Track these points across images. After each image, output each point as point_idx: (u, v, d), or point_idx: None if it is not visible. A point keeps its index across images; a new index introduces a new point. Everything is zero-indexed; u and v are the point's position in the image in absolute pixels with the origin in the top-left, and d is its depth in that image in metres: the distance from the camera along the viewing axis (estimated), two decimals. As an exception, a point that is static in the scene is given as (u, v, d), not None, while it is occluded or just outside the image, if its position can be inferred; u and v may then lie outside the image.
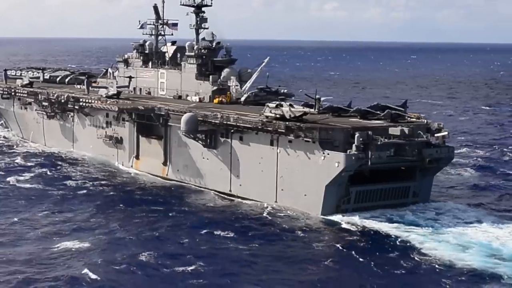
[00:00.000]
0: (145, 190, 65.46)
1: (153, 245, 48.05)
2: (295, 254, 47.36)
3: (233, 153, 63.59)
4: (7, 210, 57.05)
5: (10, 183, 66.72)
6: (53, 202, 60.06)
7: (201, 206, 59.86)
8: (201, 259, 45.17)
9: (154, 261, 44.84)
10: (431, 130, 59.61)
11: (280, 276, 43.26)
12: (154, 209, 58.23)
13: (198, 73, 77.51)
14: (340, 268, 44.99)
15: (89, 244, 47.66)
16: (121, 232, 50.84)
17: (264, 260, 45.80)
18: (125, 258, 44.81)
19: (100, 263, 43.88)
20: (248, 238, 50.31)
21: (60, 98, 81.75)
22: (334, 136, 56.61)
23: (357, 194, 57.16)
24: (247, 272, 43.66)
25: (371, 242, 49.43)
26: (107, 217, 55.31)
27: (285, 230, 52.85)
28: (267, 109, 61.44)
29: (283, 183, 59.46)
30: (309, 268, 44.90)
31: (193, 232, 51.58)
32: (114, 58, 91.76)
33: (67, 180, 68.72)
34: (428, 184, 60.80)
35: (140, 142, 73.56)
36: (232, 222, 54.52)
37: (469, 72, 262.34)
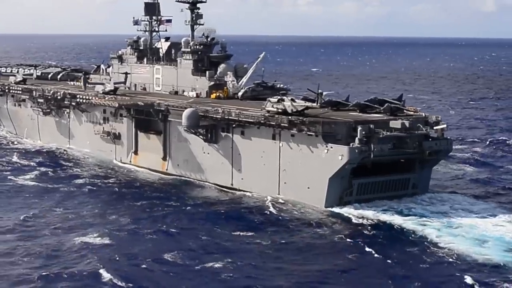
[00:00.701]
0: (149, 185, 66.10)
1: (168, 239, 48.68)
2: (306, 245, 48.27)
3: (235, 147, 64.46)
4: (15, 207, 57.31)
5: (14, 180, 66.84)
6: (59, 198, 60.31)
7: (206, 200, 60.57)
8: (219, 253, 45.78)
9: (172, 256, 44.93)
10: (429, 123, 60.82)
11: (297, 267, 44.23)
12: (160, 203, 58.81)
13: (194, 69, 78.22)
14: (358, 259, 45.58)
15: (104, 239, 47.86)
16: (133, 228, 51.10)
17: (282, 253, 46.52)
18: (143, 254, 45.17)
19: (117, 259, 44.20)
20: (261, 231, 51.13)
21: (56, 94, 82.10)
22: (336, 129, 57.67)
23: (359, 186, 58.32)
24: (268, 268, 44.21)
25: (386, 236, 50.03)
26: (117, 212, 55.68)
27: (293, 221, 53.83)
28: (269, 104, 62.31)
29: (286, 176, 60.44)
30: (325, 258, 45.80)
31: (205, 226, 52.32)
32: (92, 55, 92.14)
33: (69, 176, 69.29)
34: (427, 176, 62.12)
35: (138, 137, 74.19)
36: (240, 215, 55.51)
37: (449, 67, 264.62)
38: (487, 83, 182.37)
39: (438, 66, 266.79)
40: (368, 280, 41.94)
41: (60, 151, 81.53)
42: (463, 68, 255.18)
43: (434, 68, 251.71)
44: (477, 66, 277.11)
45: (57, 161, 76.82)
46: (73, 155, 79.11)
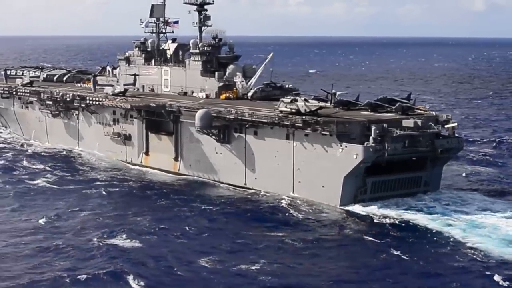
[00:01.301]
0: (164, 186, 66.92)
1: (196, 241, 49.08)
2: (333, 244, 49.27)
3: (248, 147, 65.25)
4: (36, 210, 57.69)
5: (30, 183, 67.29)
6: (77, 200, 60.83)
7: (223, 200, 61.33)
8: (252, 254, 46.27)
9: (205, 259, 45.17)
10: (439, 122, 61.80)
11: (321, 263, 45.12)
12: (179, 203, 59.71)
13: (203, 70, 79.04)
14: (388, 258, 46.11)
15: (133, 242, 48.22)
16: (159, 229, 51.56)
17: (314, 251, 47.41)
18: (174, 256, 45.62)
19: (148, 262, 44.48)
20: (286, 230, 51.89)
21: (65, 96, 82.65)
22: (350, 129, 58.58)
23: (373, 185, 59.25)
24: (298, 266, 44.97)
25: (412, 235, 50.59)
26: (138, 214, 56.11)
27: (314, 220, 54.86)
28: (282, 104, 63.14)
29: (300, 175, 61.28)
30: (356, 257, 46.69)
31: (229, 226, 53.29)
32: (86, 56, 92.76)
33: (84, 178, 70.09)
34: (438, 174, 63.11)
35: (149, 138, 74.85)
36: (261, 215, 56.50)
37: (443, 67, 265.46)
38: (484, 83, 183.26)
39: (433, 67, 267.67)
40: (401, 278, 42.59)
41: (70, 153, 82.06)
42: (458, 68, 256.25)
43: (429, 68, 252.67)
44: (471, 66, 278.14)
45: (70, 163, 77.56)
46: (84, 157, 79.77)
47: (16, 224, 52.80)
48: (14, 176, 69.95)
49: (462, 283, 41.34)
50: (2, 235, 49.73)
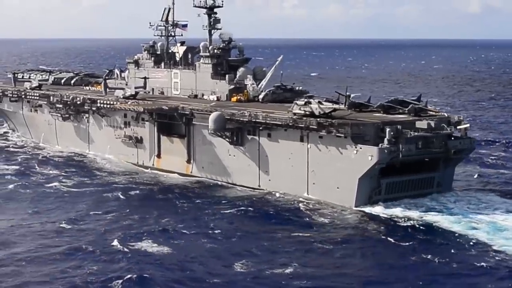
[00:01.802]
0: (180, 188, 67.16)
1: (224, 244, 49.10)
2: (358, 245, 49.61)
3: (261, 149, 65.77)
4: (57, 212, 57.98)
5: (46, 185, 67.62)
6: (96, 203, 60.78)
7: (242, 201, 61.45)
8: (282, 257, 46.37)
9: (239, 263, 45.23)
10: (451, 123, 62.39)
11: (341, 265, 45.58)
12: (199, 206, 59.90)
13: (213, 73, 79.57)
14: (416, 260, 46.27)
15: (161, 247, 48.08)
16: (184, 232, 51.69)
17: (341, 253, 47.74)
18: (205, 261, 45.50)
19: (181, 268, 44.12)
20: (310, 232, 52.28)
21: (76, 100, 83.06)
22: (365, 130, 59.13)
23: (387, 186, 59.81)
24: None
25: (437, 237, 50.68)
26: (159, 216, 55.93)
27: (335, 222, 55.16)
28: (296, 107, 63.67)
29: (315, 177, 61.81)
30: (384, 259, 46.97)
31: (255, 228, 53.55)
32: (85, 59, 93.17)
33: (99, 180, 70.46)
34: (450, 174, 63.72)
35: (161, 141, 75.30)
36: (284, 216, 56.79)
37: (443, 68, 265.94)
38: (486, 85, 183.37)
39: (433, 68, 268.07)
40: (430, 279, 42.84)
41: (83, 157, 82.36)
42: (458, 70, 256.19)
43: (429, 70, 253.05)
44: (471, 68, 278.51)
45: (83, 166, 77.72)
46: (96, 160, 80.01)
47: (40, 228, 52.90)
48: (31, 180, 69.95)
49: (492, 285, 41.64)
50: (27, 239, 49.90)
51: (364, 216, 56.46)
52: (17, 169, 75.16)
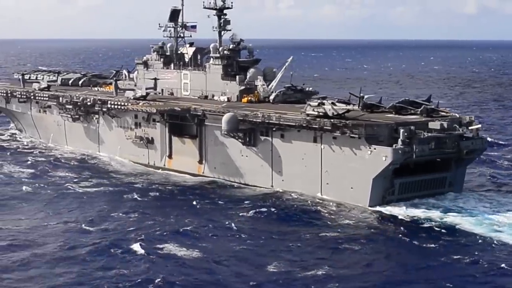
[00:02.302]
0: (194, 188, 67.70)
1: (253, 246, 49.36)
2: (379, 245, 50.17)
3: (274, 150, 66.34)
4: (78, 213, 58.22)
5: (63, 186, 67.96)
6: (116, 203, 61.33)
7: (259, 201, 61.92)
8: (313, 259, 46.76)
9: (274, 265, 45.46)
10: (462, 124, 63.06)
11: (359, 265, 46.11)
12: (219, 207, 60.47)
13: (224, 74, 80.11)
14: (444, 261, 46.68)
15: (190, 250, 47.90)
16: (211, 235, 51.90)
17: (359, 253, 48.25)
18: (231, 259, 45.99)
19: (217, 272, 44.37)
20: (335, 232, 52.80)
21: (86, 101, 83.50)
22: (378, 131, 59.77)
23: (401, 186, 60.48)
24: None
25: (462, 239, 50.96)
26: (182, 218, 56.34)
27: (353, 221, 55.98)
28: (309, 108, 64.22)
29: (328, 177, 62.41)
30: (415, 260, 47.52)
31: (274, 228, 54.08)
32: (84, 60, 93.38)
33: (114, 181, 70.97)
34: (462, 174, 64.41)
35: (172, 141, 75.82)
36: (301, 216, 57.55)
37: (443, 70, 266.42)
38: (487, 86, 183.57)
39: (433, 69, 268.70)
40: (460, 281, 43.35)
41: (95, 158, 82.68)
42: (459, 71, 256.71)
43: (429, 72, 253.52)
44: (470, 69, 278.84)
45: (96, 167, 78.12)
46: (109, 161, 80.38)
47: (62, 229, 53.23)
48: (47, 182, 70.09)
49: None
50: (51, 239, 50.27)
51: (382, 216, 57.00)
52: (32, 171, 75.21)
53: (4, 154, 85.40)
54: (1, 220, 55.56)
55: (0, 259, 46.03)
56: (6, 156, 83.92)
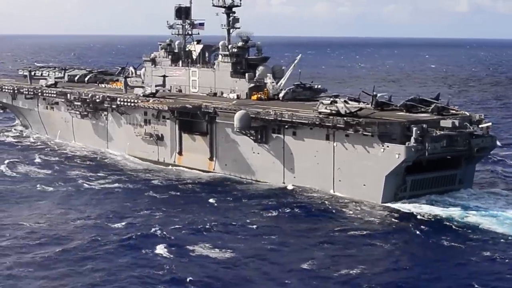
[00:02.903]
0: (210, 185, 68.40)
1: (283, 244, 49.81)
2: (408, 244, 50.73)
3: (286, 147, 67.06)
4: (100, 211, 58.38)
5: (79, 183, 68.31)
6: (134, 200, 61.79)
7: (277, 199, 62.65)
8: (344, 256, 47.10)
9: (308, 264, 45.70)
10: (472, 122, 63.94)
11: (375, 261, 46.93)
12: (240, 204, 60.91)
13: (233, 71, 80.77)
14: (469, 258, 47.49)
15: (222, 252, 47.73)
16: (245, 235, 52.08)
17: (389, 252, 48.79)
18: (265, 260, 46.30)
19: (244, 268, 44.81)
20: (356, 230, 53.37)
21: (95, 97, 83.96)
22: (391, 129, 60.57)
23: (412, 183, 61.31)
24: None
25: (480, 237, 51.62)
26: (205, 214, 56.89)
27: (376, 218, 56.81)
28: (321, 106, 64.92)
29: (341, 174, 63.18)
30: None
31: (301, 225, 54.69)
32: (80, 56, 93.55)
33: (128, 177, 71.41)
34: (471, 171, 65.31)
35: (182, 138, 76.43)
36: (320, 212, 58.37)
37: (440, 68, 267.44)
38: (486, 85, 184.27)
39: (429, 67, 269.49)
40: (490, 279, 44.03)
41: (104, 154, 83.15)
42: (456, 70, 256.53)
43: (425, 70, 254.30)
44: (467, 67, 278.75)
45: (109, 164, 78.47)
46: (120, 158, 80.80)
47: (84, 225, 53.75)
48: (62, 179, 70.13)
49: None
50: (78, 236, 50.48)
51: (400, 213, 57.69)
52: (46, 169, 75.18)
53: (16, 151, 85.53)
54: (22, 217, 55.85)
55: (25, 256, 46.40)
56: (18, 153, 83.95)
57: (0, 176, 71.46)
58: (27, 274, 43.08)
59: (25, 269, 43.82)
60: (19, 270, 43.71)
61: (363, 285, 42.32)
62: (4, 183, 68.18)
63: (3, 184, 67.43)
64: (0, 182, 68.65)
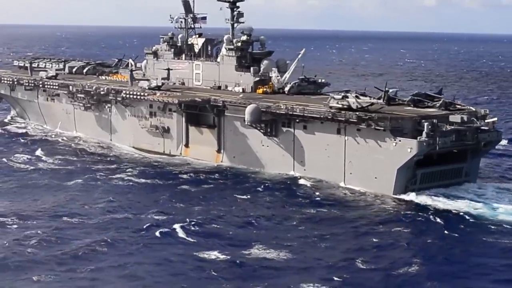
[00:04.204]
0: (224, 178, 69.65)
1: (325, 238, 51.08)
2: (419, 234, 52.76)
3: (296, 140, 68.58)
4: (137, 205, 59.00)
5: (105, 178, 68.75)
6: (170, 194, 62.68)
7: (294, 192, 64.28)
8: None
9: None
10: (477, 117, 66.00)
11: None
12: (259, 196, 62.72)
13: (237, 65, 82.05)
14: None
15: (275, 251, 47.95)
16: (287, 232, 52.45)
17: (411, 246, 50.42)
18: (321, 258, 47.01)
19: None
20: (371, 223, 55.17)
21: (99, 90, 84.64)
22: (403, 124, 62.41)
23: (422, 176, 63.27)
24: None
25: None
26: (234, 207, 58.45)
27: (391, 211, 58.69)
28: (332, 100, 66.50)
29: (352, 167, 64.90)
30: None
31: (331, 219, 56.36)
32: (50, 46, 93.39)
33: (147, 171, 72.26)
34: (476, 165, 67.51)
35: (189, 131, 77.59)
36: (340, 206, 59.86)
37: (418, 63, 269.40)
38: (467, 80, 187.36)
39: (407, 62, 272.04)
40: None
41: (116, 148, 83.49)
42: (432, 65, 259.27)
43: (404, 65, 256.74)
44: (443, 62, 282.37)
45: (123, 157, 79.18)
46: (131, 152, 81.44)
47: (109, 217, 54.70)
48: (77, 172, 70.86)
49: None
50: (126, 231, 51.02)
51: (415, 205, 59.69)
52: (60, 161, 75.61)
53: (23, 143, 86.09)
54: (46, 208, 56.61)
55: (52, 247, 47.18)
56: (26, 145, 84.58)
57: (27, 167, 72.38)
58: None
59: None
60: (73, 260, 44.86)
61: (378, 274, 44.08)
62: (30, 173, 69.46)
63: (32, 175, 68.58)
64: (26, 173, 69.69)
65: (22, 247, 46.76)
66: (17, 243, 47.50)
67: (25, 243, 47.55)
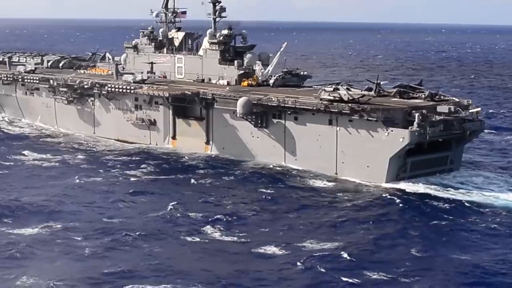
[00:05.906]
0: (216, 168, 71.30)
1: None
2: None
3: (287, 131, 70.58)
4: (157, 201, 59.73)
5: (119, 173, 69.22)
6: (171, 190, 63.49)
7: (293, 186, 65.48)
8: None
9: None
10: (461, 107, 68.98)
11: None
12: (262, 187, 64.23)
13: (221, 58, 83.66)
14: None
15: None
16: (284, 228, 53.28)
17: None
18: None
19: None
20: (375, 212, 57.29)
21: (83, 84, 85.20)
22: (394, 115, 65.00)
23: (412, 164, 66.02)
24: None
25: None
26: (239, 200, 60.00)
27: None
28: (323, 92, 68.62)
29: (344, 157, 67.22)
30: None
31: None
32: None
33: (131, 164, 73.01)
34: (460, 153, 70.59)
35: (176, 123, 78.95)
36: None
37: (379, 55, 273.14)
38: (431, 71, 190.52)
39: (370, 55, 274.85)
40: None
41: (118, 144, 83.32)
42: (393, 55, 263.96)
43: (366, 56, 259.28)
44: (403, 53, 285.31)
45: (108, 150, 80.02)
46: (124, 147, 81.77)
47: (145, 210, 56.02)
48: (103, 168, 71.30)
49: None
50: (148, 228, 51.62)
51: (407, 193, 62.13)
52: (67, 160, 75.33)
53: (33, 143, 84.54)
54: (77, 206, 57.34)
55: (86, 245, 47.92)
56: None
57: (35, 164, 72.77)
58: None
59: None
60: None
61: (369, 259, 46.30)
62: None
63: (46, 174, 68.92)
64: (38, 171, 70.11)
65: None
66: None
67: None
